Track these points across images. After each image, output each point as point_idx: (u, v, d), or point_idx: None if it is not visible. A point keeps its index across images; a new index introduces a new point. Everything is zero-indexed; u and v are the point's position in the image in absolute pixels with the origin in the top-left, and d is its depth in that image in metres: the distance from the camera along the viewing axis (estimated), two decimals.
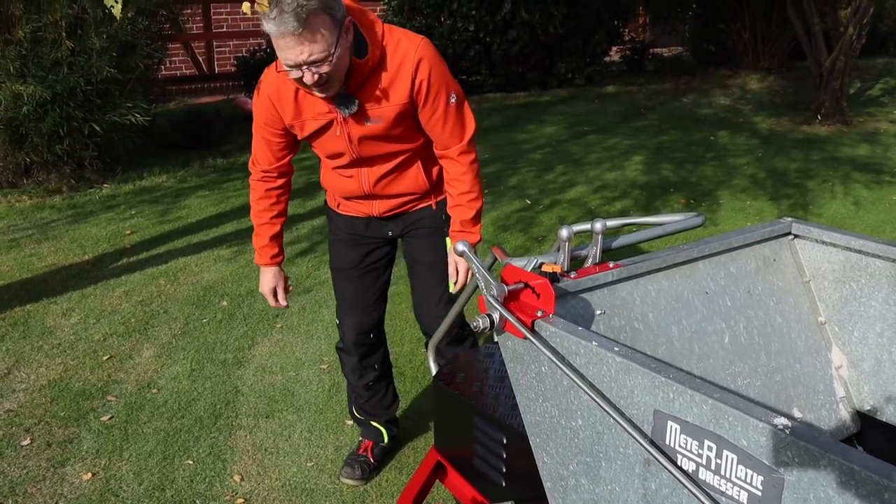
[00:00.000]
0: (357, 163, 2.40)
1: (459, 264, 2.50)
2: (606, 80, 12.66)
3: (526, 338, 1.46)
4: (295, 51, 2.00)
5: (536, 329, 1.48)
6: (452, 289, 2.55)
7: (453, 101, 2.31)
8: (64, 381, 3.61)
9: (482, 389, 2.09)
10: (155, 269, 4.91)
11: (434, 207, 2.59)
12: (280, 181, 2.51)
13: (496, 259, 1.98)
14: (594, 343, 1.39)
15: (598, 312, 1.72)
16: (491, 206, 6.18)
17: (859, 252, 1.97)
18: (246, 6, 2.02)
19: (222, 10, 11.92)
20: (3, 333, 4.07)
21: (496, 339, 1.61)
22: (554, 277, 1.65)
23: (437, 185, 2.55)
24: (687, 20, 14.63)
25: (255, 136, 2.44)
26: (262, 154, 2.45)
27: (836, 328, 2.06)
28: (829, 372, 2.04)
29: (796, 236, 2.09)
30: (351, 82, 2.19)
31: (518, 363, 1.59)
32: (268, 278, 2.62)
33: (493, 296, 1.51)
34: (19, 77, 6.32)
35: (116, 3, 1.95)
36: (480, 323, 1.54)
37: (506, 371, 2.04)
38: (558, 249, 1.77)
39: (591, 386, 1.39)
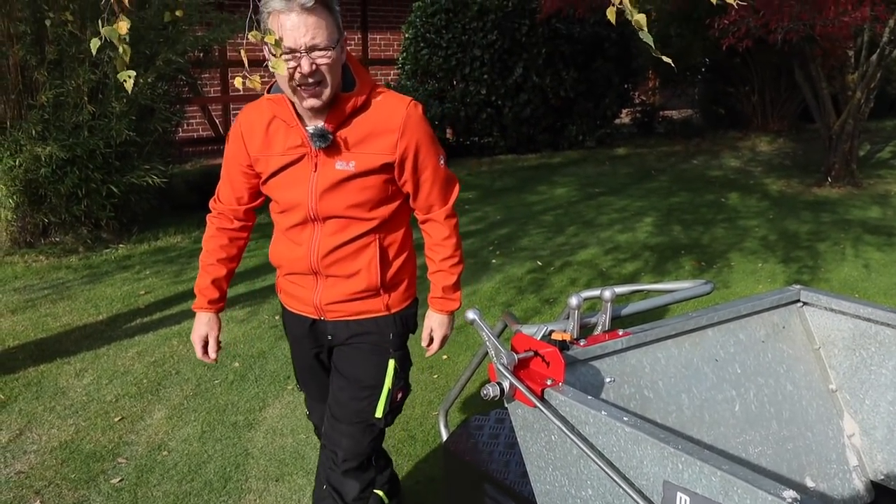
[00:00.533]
0: (312, 220, 2.16)
1: (435, 332, 2.30)
2: (617, 142, 12.80)
3: (536, 406, 1.47)
4: (299, 30, 1.91)
5: (546, 398, 1.49)
6: (426, 353, 2.35)
7: (442, 162, 2.22)
8: (75, 443, 3.62)
9: (492, 456, 2.09)
10: (168, 330, 4.94)
11: (384, 313, 2.25)
12: (237, 224, 2.35)
13: (506, 326, 2.00)
14: (603, 412, 1.40)
15: (608, 380, 1.73)
16: (502, 267, 6.21)
17: (868, 320, 1.98)
18: (238, 81, 2.09)
19: (239, 73, 12.17)
20: (16, 394, 4.09)
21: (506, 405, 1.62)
22: (564, 345, 1.67)
23: (391, 285, 2.24)
24: (696, 83, 14.83)
25: (222, 171, 2.32)
26: (225, 191, 2.32)
27: (847, 396, 2.06)
28: (841, 440, 2.03)
29: (805, 304, 2.10)
30: (331, 115, 2.06)
31: (528, 431, 1.60)
32: (201, 325, 2.36)
33: (503, 364, 1.53)
34: (40, 140, 6.47)
35: (129, 77, 2.01)
36: (491, 391, 1.55)
37: (517, 438, 2.05)
38: (568, 317, 1.79)
39: (601, 456, 1.39)
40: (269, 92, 2.14)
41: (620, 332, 1.79)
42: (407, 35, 11.64)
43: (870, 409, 2.01)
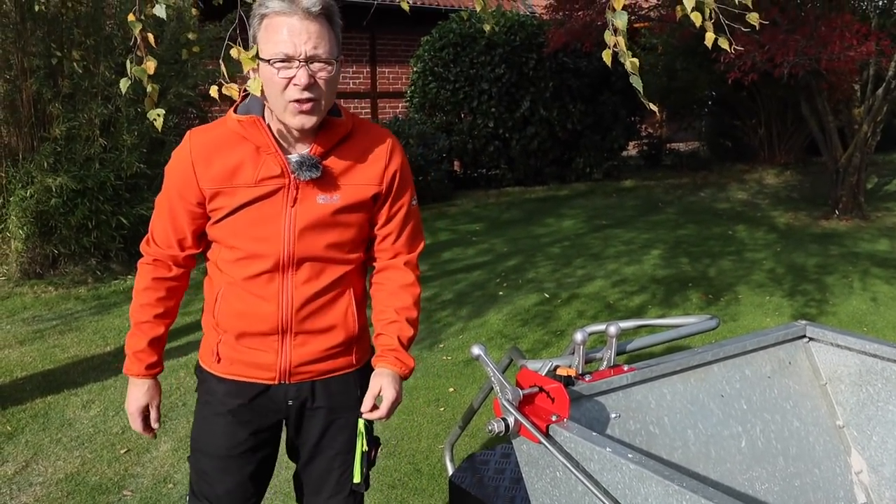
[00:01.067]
0: (284, 266, 1.86)
1: (386, 392, 1.86)
2: (624, 174, 12.84)
3: (541, 442, 1.48)
4: (300, 36, 1.69)
5: (551, 434, 1.50)
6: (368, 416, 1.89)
7: (415, 202, 2.03)
8: (81, 475, 3.61)
9: (498, 491, 2.08)
10: (175, 361, 4.95)
11: (352, 368, 2.00)
12: (175, 272, 1.95)
13: (511, 361, 2.01)
14: (608, 449, 1.40)
15: (614, 416, 1.73)
16: (509, 299, 6.21)
17: (875, 356, 1.98)
18: (213, 90, 2.07)
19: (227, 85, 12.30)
20: (23, 425, 4.10)
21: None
22: (569, 381, 1.67)
23: (361, 336, 2.01)
24: (703, 116, 14.91)
25: (158, 209, 1.92)
26: (163, 233, 1.92)
27: (854, 432, 2.05)
28: (848, 477, 2.02)
29: (811, 339, 2.10)
30: (319, 141, 1.83)
31: (533, 467, 1.60)
32: (138, 394, 1.96)
33: (508, 400, 1.54)
34: (52, 172, 6.54)
35: (159, 116, 2.05)
36: (496, 426, 1.55)
37: (522, 473, 2.04)
38: (573, 352, 1.79)
39: (606, 493, 1.39)
40: (235, 112, 1.85)
41: (626, 367, 1.79)
42: (415, 68, 11.76)
43: (877, 445, 2.00)
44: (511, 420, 1.54)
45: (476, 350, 1.64)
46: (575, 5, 9.85)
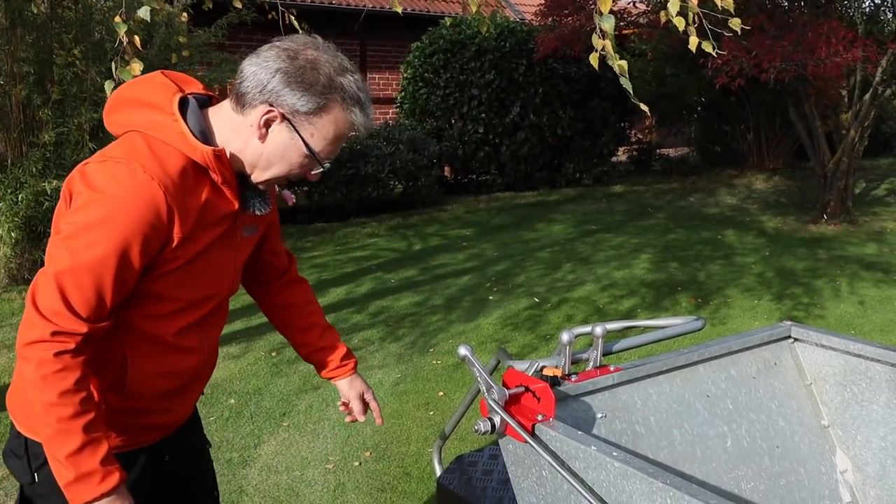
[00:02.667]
0: (215, 309, 1.68)
1: (368, 393, 1.96)
2: (614, 179, 12.89)
3: (526, 442, 1.48)
4: (340, 146, 1.59)
5: (537, 433, 1.50)
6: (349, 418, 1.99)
7: None
8: None
9: (486, 492, 2.09)
10: None
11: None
12: (86, 351, 1.45)
13: (499, 362, 2.02)
14: (593, 448, 1.41)
15: (600, 416, 1.74)
16: (499, 304, 6.22)
17: (859, 356, 1.99)
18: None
19: None
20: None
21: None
22: (555, 381, 1.68)
23: None
24: (692, 122, 14.99)
25: (84, 269, 1.41)
26: (92, 301, 1.42)
27: (839, 431, 2.07)
28: (833, 476, 2.04)
29: (796, 340, 2.12)
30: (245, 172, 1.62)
31: (519, 467, 1.60)
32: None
33: (494, 399, 1.55)
34: (41, 178, 6.52)
35: None
36: (482, 426, 1.56)
37: (508, 473, 2.05)
38: (559, 353, 1.80)
39: (591, 491, 1.40)
40: (199, 138, 1.50)
41: (612, 367, 1.80)
42: (406, 75, 11.79)
43: (862, 444, 2.02)
44: (497, 419, 1.55)
45: (462, 350, 1.65)
46: (564, 11, 9.90)
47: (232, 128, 1.54)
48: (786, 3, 10.01)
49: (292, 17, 3.70)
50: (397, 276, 7.13)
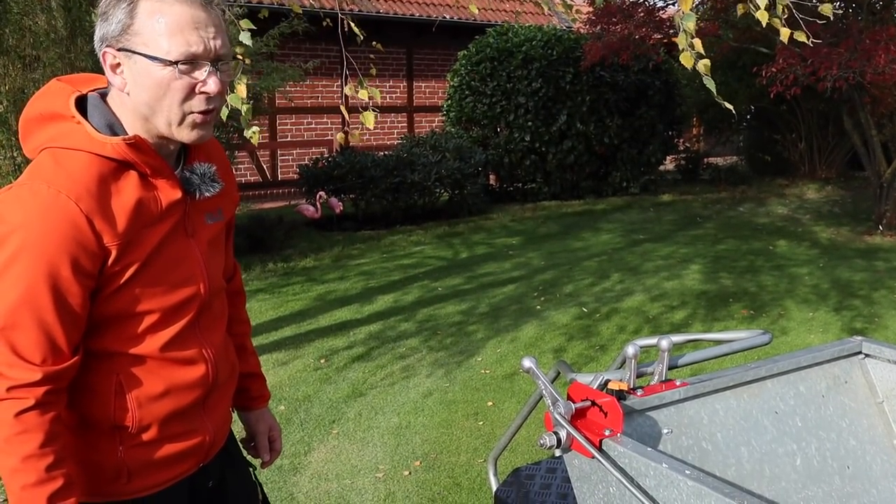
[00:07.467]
0: (202, 312, 1.51)
1: (275, 431, 1.84)
2: (661, 189, 12.74)
3: (594, 457, 1.45)
4: (208, 31, 1.33)
5: (605, 448, 1.47)
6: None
7: None
8: None
9: None
10: None
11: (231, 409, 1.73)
12: (65, 389, 1.35)
13: (559, 374, 1.99)
14: (664, 465, 1.37)
15: (666, 431, 1.70)
16: (546, 313, 6.17)
17: None
18: (340, 137, 2.03)
19: (287, 120, 12.48)
20: None
21: (557, 454, 1.60)
22: (621, 395, 1.64)
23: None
24: (741, 131, 14.76)
25: (16, 303, 1.28)
26: (41, 342, 1.29)
27: None
28: None
29: (867, 356, 2.05)
30: (195, 150, 1.49)
31: (585, 483, 1.57)
32: None
33: (560, 413, 1.51)
34: None
35: (255, 133, 2.06)
36: (547, 440, 1.53)
37: (568, 487, 2.02)
38: (622, 366, 1.77)
39: None
40: (107, 133, 1.36)
41: (678, 382, 1.76)
42: (452, 83, 11.82)
43: None
44: (563, 434, 1.52)
45: (527, 363, 1.62)
46: (612, 19, 9.83)
47: (121, 104, 1.39)
48: (840, 10, 9.82)
49: (353, 24, 3.70)
50: (444, 284, 7.12)
